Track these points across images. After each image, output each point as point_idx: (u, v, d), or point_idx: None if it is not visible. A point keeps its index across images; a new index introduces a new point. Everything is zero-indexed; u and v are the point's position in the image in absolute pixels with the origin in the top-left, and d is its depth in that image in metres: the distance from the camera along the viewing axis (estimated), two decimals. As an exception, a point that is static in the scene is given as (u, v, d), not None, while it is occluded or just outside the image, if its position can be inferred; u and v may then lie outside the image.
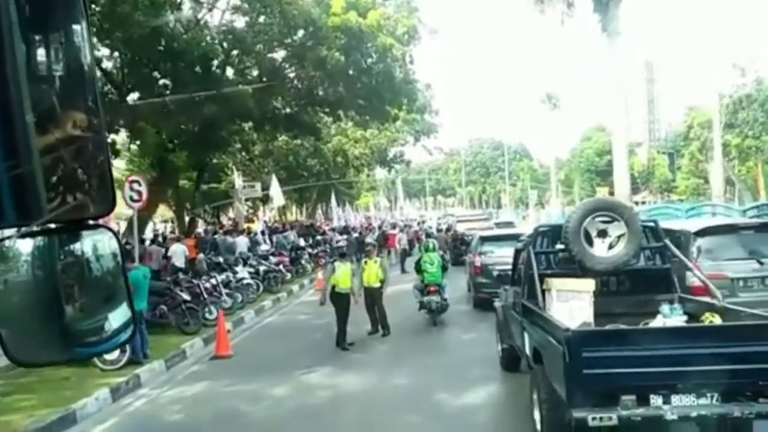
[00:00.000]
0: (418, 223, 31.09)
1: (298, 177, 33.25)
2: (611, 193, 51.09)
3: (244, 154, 29.79)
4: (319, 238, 23.78)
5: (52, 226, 1.04)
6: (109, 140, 11.82)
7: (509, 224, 22.68)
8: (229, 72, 17.38)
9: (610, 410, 3.75)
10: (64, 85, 0.98)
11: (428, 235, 17.68)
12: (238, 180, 22.70)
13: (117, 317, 1.23)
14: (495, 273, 10.14)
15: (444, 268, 10.50)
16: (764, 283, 6.69)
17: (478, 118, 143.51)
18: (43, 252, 1.07)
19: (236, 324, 11.09)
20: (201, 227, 25.88)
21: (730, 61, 40.47)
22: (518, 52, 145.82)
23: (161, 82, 15.01)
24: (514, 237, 8.33)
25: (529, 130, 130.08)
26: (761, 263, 6.73)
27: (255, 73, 17.89)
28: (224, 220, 31.73)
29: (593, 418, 3.69)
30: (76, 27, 0.99)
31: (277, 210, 36.80)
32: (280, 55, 18.25)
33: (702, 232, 7.19)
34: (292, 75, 18.88)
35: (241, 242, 17.54)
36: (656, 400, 3.81)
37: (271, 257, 16.61)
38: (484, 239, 12.40)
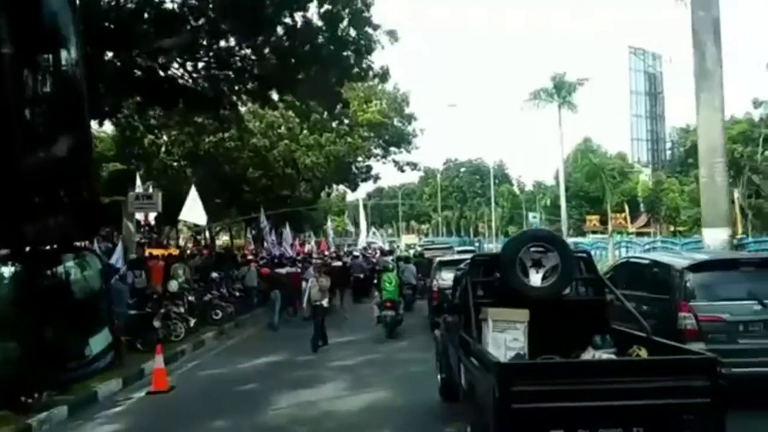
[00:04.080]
0: (380, 252, 31.75)
1: (238, 192, 33.02)
2: (602, 222, 52.61)
3: (164, 157, 29.02)
4: (215, 275, 18.12)
5: (35, 249, 1.54)
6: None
7: (470, 252, 24.89)
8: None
9: None
10: (52, 108, 1.45)
11: (407, 260, 21.63)
12: (139, 191, 20.41)
13: (98, 342, 1.64)
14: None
15: (400, 288, 14.61)
16: None
17: (455, 136, 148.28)
18: (24, 276, 1.53)
19: None
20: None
21: (761, 61, 41.10)
22: (496, 59, 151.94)
23: None
24: None
25: (510, 150, 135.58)
26: (764, 305, 6.79)
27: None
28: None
29: None
30: (66, 51, 1.44)
31: (206, 233, 36.35)
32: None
33: (695, 268, 7.37)
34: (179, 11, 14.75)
35: None
36: None
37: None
38: (442, 264, 14.84)
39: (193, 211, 20.61)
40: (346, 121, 41.50)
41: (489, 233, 64.34)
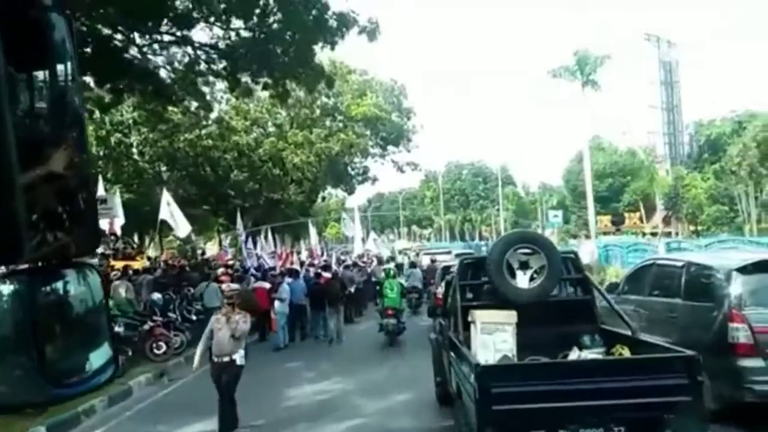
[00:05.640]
0: (377, 260, 31.13)
1: (223, 198, 32.70)
2: (614, 222, 52.93)
3: (138, 159, 28.60)
4: (157, 296, 15.24)
5: (34, 265, 1.23)
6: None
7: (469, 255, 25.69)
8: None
9: None
10: (50, 124, 1.14)
11: (413, 265, 23.97)
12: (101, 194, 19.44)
13: (98, 357, 1.41)
14: None
15: (403, 295, 15.72)
16: None
17: (456, 137, 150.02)
18: (24, 292, 1.25)
19: None
20: None
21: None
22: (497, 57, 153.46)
23: None
24: None
25: (513, 151, 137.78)
26: None
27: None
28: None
29: None
30: (63, 66, 1.14)
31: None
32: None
33: (746, 269, 6.98)
34: None
35: None
36: None
37: None
38: (446, 270, 15.49)
39: (174, 217, 20.19)
40: (339, 117, 42.03)
41: (496, 236, 64.80)
